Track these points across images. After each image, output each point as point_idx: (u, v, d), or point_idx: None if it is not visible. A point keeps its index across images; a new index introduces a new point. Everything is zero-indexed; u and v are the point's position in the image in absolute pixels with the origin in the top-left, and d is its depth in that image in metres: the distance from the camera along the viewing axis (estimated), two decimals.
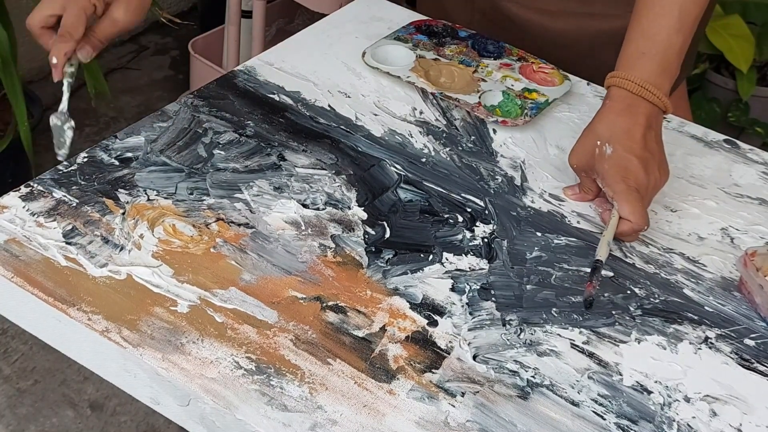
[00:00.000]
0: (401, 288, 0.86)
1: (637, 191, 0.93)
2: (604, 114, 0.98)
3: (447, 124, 1.10)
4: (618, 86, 0.98)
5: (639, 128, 0.96)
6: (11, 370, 1.77)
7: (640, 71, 0.97)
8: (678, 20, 0.97)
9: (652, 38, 0.98)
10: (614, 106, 0.98)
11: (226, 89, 1.09)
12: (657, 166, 0.96)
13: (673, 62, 0.98)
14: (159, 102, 2.48)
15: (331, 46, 1.21)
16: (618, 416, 0.77)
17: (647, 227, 0.94)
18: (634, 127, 0.96)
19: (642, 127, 0.96)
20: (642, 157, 0.94)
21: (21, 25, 1.07)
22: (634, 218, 0.92)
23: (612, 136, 0.95)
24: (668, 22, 0.98)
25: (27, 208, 0.88)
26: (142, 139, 1.00)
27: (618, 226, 0.93)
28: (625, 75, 0.97)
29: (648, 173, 0.94)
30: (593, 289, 0.85)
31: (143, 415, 1.71)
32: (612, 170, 0.94)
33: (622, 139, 0.95)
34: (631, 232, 0.93)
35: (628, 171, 0.94)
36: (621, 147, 0.94)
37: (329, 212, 0.93)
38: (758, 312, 0.89)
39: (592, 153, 0.96)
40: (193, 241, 0.88)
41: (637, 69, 0.97)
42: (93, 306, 0.79)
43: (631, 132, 0.95)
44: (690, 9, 0.98)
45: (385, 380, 0.77)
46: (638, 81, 0.96)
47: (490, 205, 0.98)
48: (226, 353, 0.77)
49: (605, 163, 0.95)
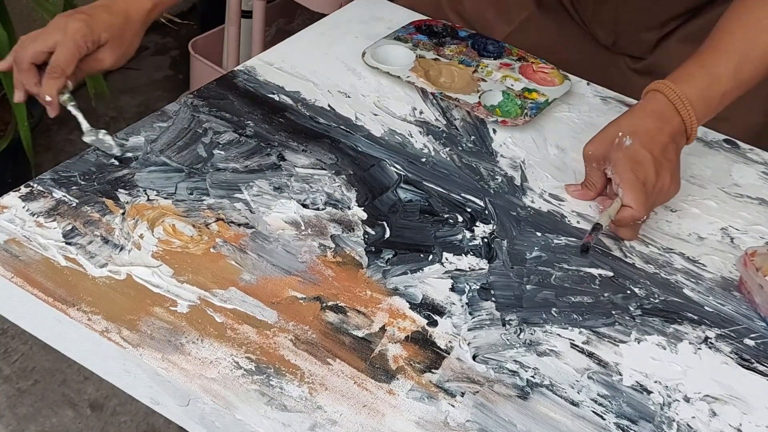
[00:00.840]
0: (401, 288, 0.86)
1: (643, 185, 0.93)
2: (634, 111, 0.98)
3: (447, 124, 1.09)
4: (658, 90, 0.98)
5: (663, 135, 0.96)
6: (11, 370, 1.77)
7: (685, 87, 0.97)
8: (735, 68, 0.98)
9: (708, 69, 0.99)
10: (647, 106, 0.98)
11: (226, 89, 1.09)
12: (670, 175, 0.95)
13: (715, 99, 0.98)
14: (159, 102, 2.47)
15: (331, 46, 1.21)
16: (618, 416, 0.77)
17: (646, 218, 0.94)
18: (658, 131, 0.96)
19: (666, 136, 0.96)
20: (657, 158, 0.94)
21: (21, 25, 1.08)
22: (635, 205, 0.92)
23: (635, 131, 0.95)
24: (726, 64, 0.98)
25: (27, 208, 0.88)
26: (142, 139, 1.00)
27: (618, 212, 0.93)
28: (670, 84, 0.97)
29: (658, 175, 0.94)
30: (591, 240, 0.90)
31: (143, 415, 1.71)
32: (624, 159, 0.94)
33: (643, 136, 0.95)
34: (630, 219, 0.93)
35: (640, 165, 0.93)
36: (640, 142, 0.94)
37: (329, 212, 0.93)
38: (758, 312, 0.89)
39: (611, 142, 0.96)
40: (193, 241, 0.88)
41: (683, 84, 0.97)
42: (93, 306, 0.79)
43: (654, 134, 0.95)
44: (748, 65, 0.98)
45: (384, 380, 0.77)
46: (680, 94, 0.96)
47: (489, 205, 0.98)
48: (225, 353, 0.77)
49: (620, 152, 0.95)
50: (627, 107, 1.16)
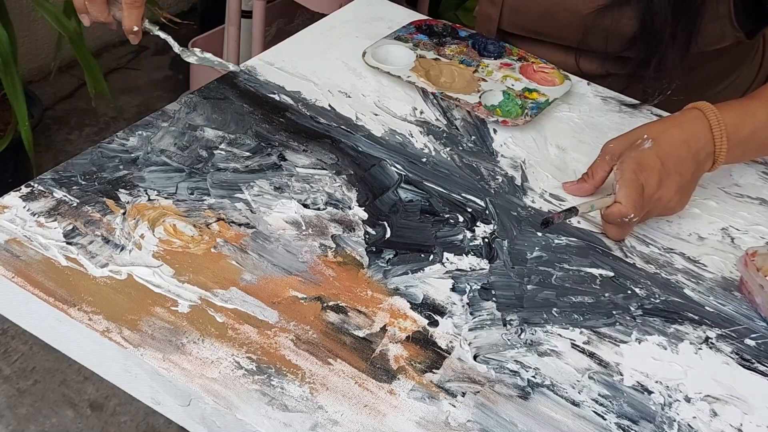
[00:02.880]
0: (402, 288, 0.86)
1: (642, 187, 0.92)
2: (666, 119, 0.99)
3: (447, 124, 1.10)
4: (699, 108, 0.97)
5: (685, 149, 0.95)
6: (11, 370, 1.78)
7: (724, 112, 0.97)
8: None
9: (746, 107, 1.00)
10: (681, 118, 0.98)
11: (226, 89, 1.09)
12: (676, 189, 0.95)
13: (749, 143, 0.99)
14: (159, 102, 2.48)
15: (331, 46, 1.21)
16: (618, 416, 0.77)
17: (636, 220, 0.93)
18: (682, 144, 0.95)
19: (688, 151, 0.95)
20: (668, 168, 0.94)
21: (21, 25, 1.07)
22: (625, 202, 0.91)
23: (658, 138, 0.95)
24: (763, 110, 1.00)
25: (27, 208, 0.88)
26: (142, 139, 1.00)
27: (608, 207, 0.93)
28: (711, 105, 0.97)
29: (662, 184, 0.94)
30: (558, 219, 0.91)
31: (143, 415, 1.71)
32: (632, 160, 0.94)
33: (664, 145, 0.94)
34: (617, 215, 0.92)
35: (645, 169, 0.93)
36: (657, 149, 0.94)
37: (330, 212, 0.93)
38: (759, 312, 0.89)
39: (633, 142, 0.96)
40: (194, 241, 0.88)
41: (725, 112, 0.97)
42: (93, 306, 0.79)
43: (677, 146, 0.95)
44: None
45: (385, 380, 0.77)
46: (718, 115, 0.96)
47: (490, 205, 0.98)
48: (226, 353, 0.77)
49: (634, 152, 0.94)
50: (626, 107, 1.16)
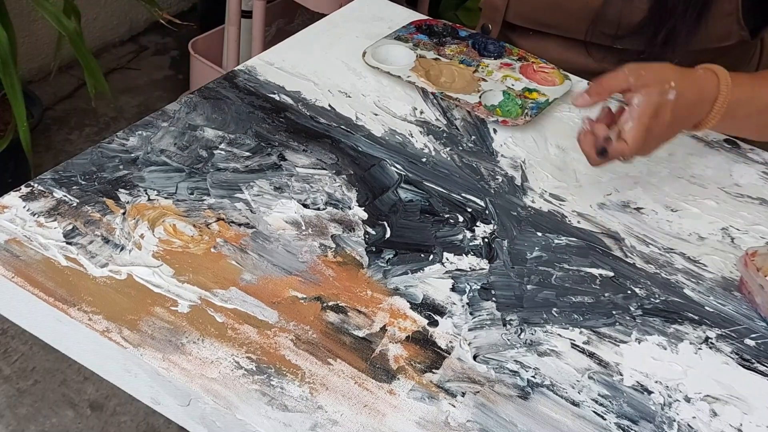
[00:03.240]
0: (402, 288, 0.86)
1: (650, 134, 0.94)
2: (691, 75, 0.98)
3: (447, 124, 1.10)
4: (717, 75, 0.99)
5: (689, 112, 0.97)
6: (11, 370, 1.77)
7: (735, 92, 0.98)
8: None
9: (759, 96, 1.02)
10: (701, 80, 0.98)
11: (226, 89, 1.09)
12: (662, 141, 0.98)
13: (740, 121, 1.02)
14: (159, 102, 2.48)
15: (331, 45, 1.21)
16: (618, 416, 0.77)
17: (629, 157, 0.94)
18: (691, 106, 0.97)
19: (691, 114, 0.98)
20: (671, 125, 0.95)
21: (21, 25, 1.07)
22: (632, 144, 0.93)
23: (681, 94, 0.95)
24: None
25: (27, 208, 0.88)
26: (142, 139, 1.00)
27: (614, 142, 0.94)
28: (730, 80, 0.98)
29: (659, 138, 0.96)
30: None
31: (143, 415, 1.71)
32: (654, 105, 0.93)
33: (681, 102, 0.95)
34: (619, 153, 0.94)
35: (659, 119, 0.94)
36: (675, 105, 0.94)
37: (330, 212, 0.93)
38: (758, 312, 0.89)
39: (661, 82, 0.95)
40: (194, 241, 0.88)
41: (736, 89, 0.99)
42: (93, 306, 0.79)
43: (688, 107, 0.96)
44: None
45: (385, 380, 0.77)
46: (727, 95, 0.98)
47: (490, 205, 0.98)
48: (226, 353, 0.77)
49: (658, 96, 0.94)
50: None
